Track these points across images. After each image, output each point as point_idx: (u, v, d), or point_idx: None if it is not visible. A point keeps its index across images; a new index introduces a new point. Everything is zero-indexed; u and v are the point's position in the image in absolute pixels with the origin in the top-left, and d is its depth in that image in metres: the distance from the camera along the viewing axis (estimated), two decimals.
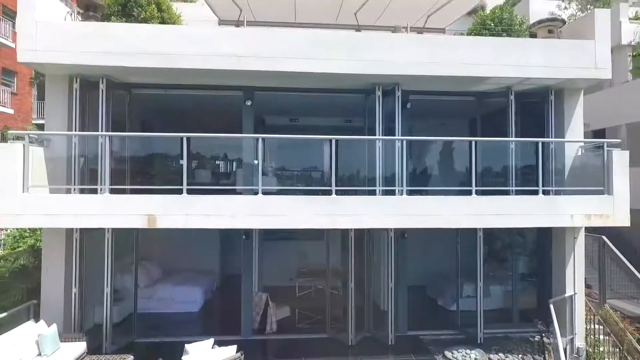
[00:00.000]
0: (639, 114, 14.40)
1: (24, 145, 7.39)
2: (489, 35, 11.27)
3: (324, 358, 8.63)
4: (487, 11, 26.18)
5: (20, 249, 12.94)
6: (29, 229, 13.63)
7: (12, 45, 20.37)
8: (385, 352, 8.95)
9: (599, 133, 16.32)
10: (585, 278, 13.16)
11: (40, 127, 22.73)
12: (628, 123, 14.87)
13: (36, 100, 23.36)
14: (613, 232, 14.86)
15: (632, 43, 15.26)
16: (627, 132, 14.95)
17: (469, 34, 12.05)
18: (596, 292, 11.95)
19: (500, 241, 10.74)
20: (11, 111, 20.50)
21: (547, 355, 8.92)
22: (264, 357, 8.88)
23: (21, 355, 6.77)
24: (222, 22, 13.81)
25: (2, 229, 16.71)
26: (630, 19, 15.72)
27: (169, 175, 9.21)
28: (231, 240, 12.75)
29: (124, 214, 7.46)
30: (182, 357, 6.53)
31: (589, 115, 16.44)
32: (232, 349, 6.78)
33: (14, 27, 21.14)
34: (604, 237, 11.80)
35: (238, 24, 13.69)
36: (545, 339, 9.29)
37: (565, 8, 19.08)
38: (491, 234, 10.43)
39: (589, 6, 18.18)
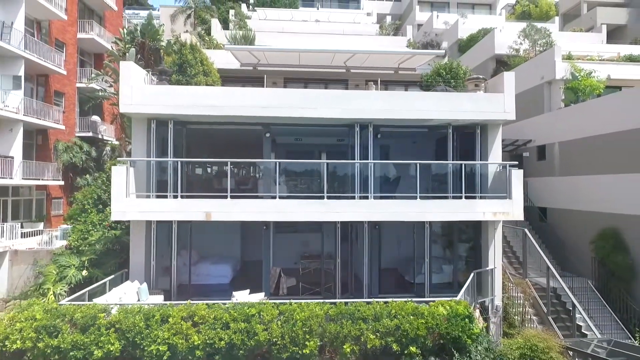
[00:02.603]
0: (567, 134, 18.45)
1: (126, 167, 11.54)
2: (441, 80, 15.31)
3: None
4: (466, 37, 30.12)
5: (90, 238, 16.96)
6: (91, 225, 17.73)
7: (64, 72, 24.50)
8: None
9: (541, 147, 20.43)
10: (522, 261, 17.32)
11: (83, 138, 26.95)
12: (560, 141, 18.94)
13: (78, 116, 27.52)
14: (547, 227, 19.03)
15: (564, 78, 19.28)
16: (559, 148, 19.03)
17: (429, 76, 16.06)
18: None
19: (448, 232, 14.76)
20: (62, 127, 24.59)
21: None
22: None
23: (130, 299, 10.88)
24: (243, 65, 18.03)
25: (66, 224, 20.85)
26: (563, 57, 19.73)
27: (215, 184, 13.24)
28: (249, 234, 16.88)
29: (190, 211, 11.61)
30: (231, 299, 10.60)
31: (534, 133, 20.73)
32: (261, 295, 10.90)
33: (65, 56, 25.29)
34: (526, 230, 15.87)
35: (255, 66, 17.94)
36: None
37: (521, 44, 23.18)
38: (441, 227, 14.47)
39: (538, 43, 22.26)
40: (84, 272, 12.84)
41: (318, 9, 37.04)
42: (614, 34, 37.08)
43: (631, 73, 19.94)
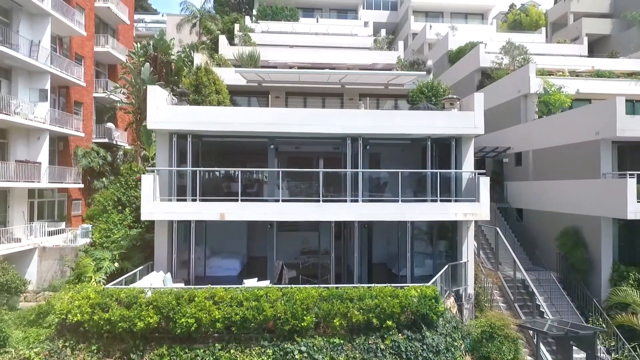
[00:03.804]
0: (540, 143, 20.57)
1: (153, 175, 13.71)
2: (424, 97, 17.44)
3: None
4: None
5: (113, 236, 19.02)
6: (112, 224, 19.80)
7: (83, 84, 26.69)
8: None
9: (518, 154, 22.56)
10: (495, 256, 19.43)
11: (99, 144, 29.13)
12: (534, 149, 21.07)
13: (95, 124, 29.69)
14: (522, 227, 21.12)
15: (537, 92, 21.41)
16: (532, 155, 21.16)
17: (414, 93, 18.16)
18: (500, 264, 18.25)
19: (429, 230, 16.90)
20: (82, 134, 26.78)
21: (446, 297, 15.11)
22: None
23: (158, 286, 13.00)
24: (249, 81, 20.18)
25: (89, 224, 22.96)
26: (537, 73, 21.85)
27: (225, 189, 15.40)
28: (254, 232, 19.01)
29: (207, 212, 13.78)
30: (242, 285, 12.74)
31: (512, 141, 22.84)
32: (267, 282, 13.06)
33: (83, 68, 27.47)
34: (497, 229, 18.00)
35: (260, 83, 20.09)
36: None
37: (502, 58, 25.31)
38: (423, 226, 16.60)
39: (516, 59, 24.40)
40: (116, 264, 15.00)
41: (317, 20, 39.09)
42: (599, 44, 39.12)
43: (598, 87, 22.07)
